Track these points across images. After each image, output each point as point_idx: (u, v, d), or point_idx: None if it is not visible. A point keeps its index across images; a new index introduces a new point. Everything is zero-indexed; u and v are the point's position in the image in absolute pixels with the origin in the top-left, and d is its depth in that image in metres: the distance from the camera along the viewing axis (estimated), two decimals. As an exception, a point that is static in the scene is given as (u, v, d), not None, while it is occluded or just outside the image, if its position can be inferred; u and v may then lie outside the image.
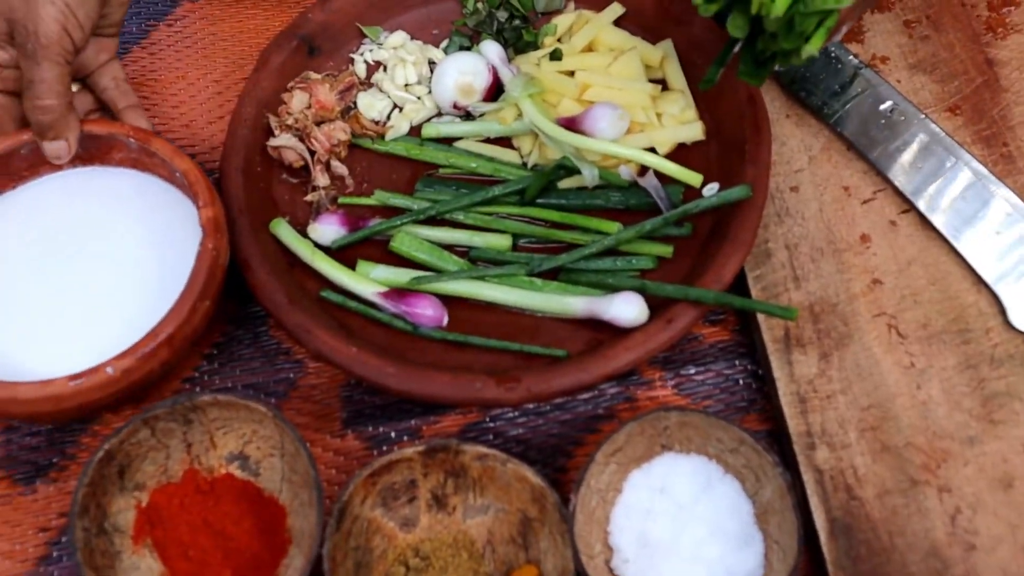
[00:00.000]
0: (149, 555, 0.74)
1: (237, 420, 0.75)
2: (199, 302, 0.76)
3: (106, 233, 0.81)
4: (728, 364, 0.82)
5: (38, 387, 0.71)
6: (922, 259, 0.82)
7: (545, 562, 0.73)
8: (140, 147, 0.82)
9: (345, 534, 0.72)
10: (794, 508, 0.70)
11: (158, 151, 0.81)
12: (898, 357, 0.78)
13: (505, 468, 0.74)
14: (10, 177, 0.83)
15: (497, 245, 0.84)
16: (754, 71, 0.73)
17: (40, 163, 0.83)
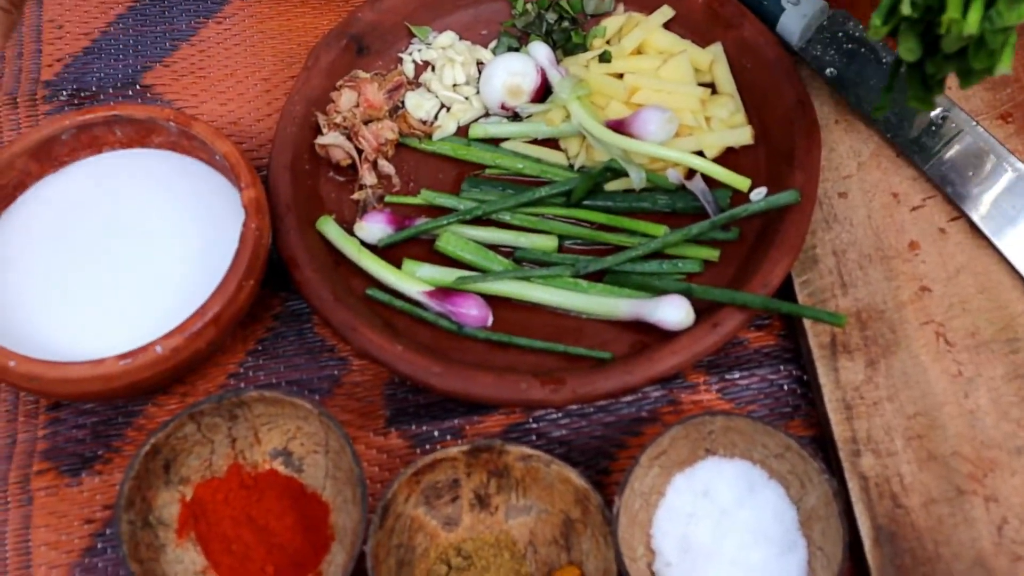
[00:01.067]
0: (193, 549, 0.74)
1: (282, 416, 0.76)
2: (244, 281, 0.76)
3: (149, 215, 0.82)
4: (773, 369, 0.82)
5: (88, 367, 0.73)
6: (971, 267, 0.82)
7: (587, 564, 0.73)
8: (180, 130, 0.83)
9: (388, 532, 0.73)
10: (839, 515, 0.69)
11: (198, 134, 0.82)
12: (946, 365, 0.78)
13: (549, 469, 0.74)
14: (51, 162, 0.84)
15: (543, 246, 0.85)
16: (923, 95, 0.72)
17: (80, 147, 0.85)
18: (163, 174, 0.84)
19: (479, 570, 0.74)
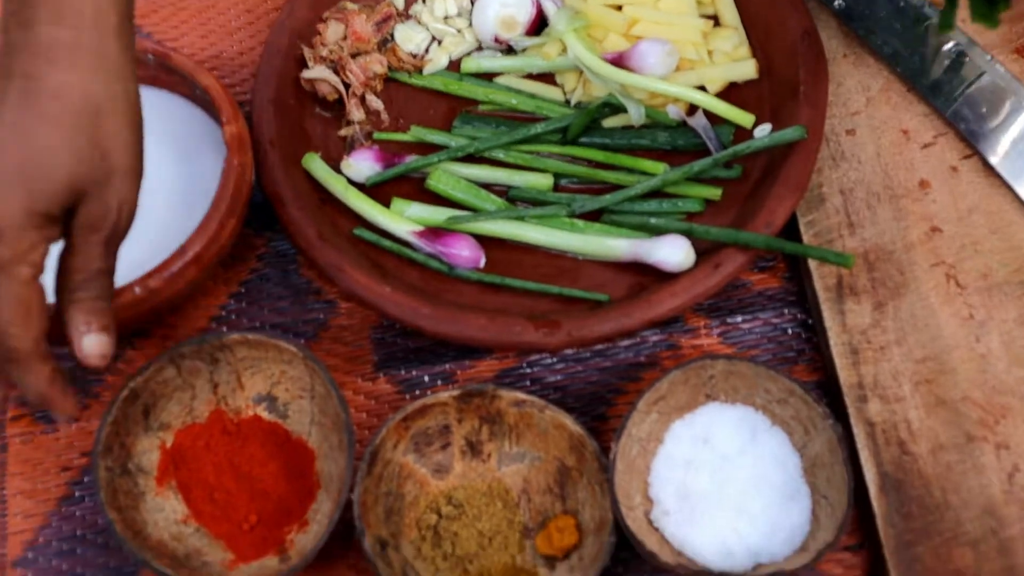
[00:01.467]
0: (173, 496, 0.74)
1: (265, 360, 0.75)
2: (226, 219, 0.75)
3: None
4: (776, 313, 0.81)
5: (64, 308, 0.71)
6: (984, 207, 0.80)
7: (582, 512, 0.73)
8: (159, 64, 0.81)
9: (376, 479, 0.72)
10: (844, 462, 0.69)
11: (178, 67, 0.80)
12: (956, 308, 0.77)
13: (543, 415, 0.73)
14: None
15: (538, 185, 0.83)
16: (987, 11, 0.70)
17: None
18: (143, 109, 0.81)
19: (470, 519, 0.74)
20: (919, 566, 0.70)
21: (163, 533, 0.72)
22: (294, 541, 0.72)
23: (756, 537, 0.70)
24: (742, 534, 0.70)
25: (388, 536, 0.72)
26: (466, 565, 0.73)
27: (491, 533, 0.73)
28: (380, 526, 0.72)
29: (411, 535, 0.73)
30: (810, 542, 0.70)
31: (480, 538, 0.73)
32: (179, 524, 0.73)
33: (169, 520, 0.73)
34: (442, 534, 0.73)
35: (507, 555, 0.73)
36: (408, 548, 0.73)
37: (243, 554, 0.72)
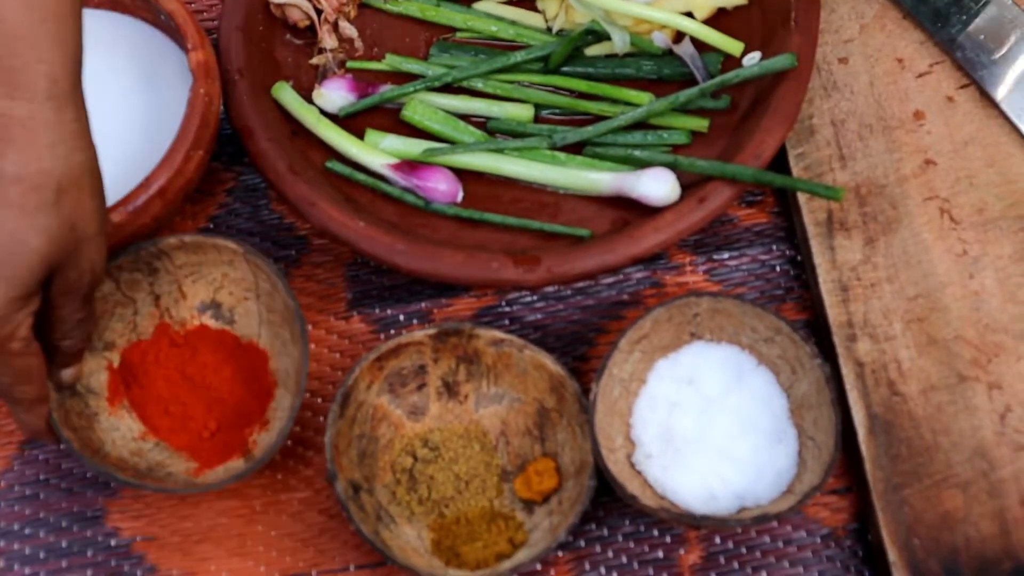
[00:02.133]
0: (128, 415, 0.73)
1: (206, 264, 0.74)
2: (192, 151, 0.74)
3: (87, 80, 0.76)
4: (765, 249, 0.80)
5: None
6: (980, 139, 0.79)
7: (562, 455, 0.72)
8: (120, -14, 0.80)
9: (349, 421, 0.71)
10: (832, 403, 0.68)
11: (141, -10, 0.79)
12: (950, 244, 0.76)
13: (522, 355, 0.72)
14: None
15: (517, 116, 0.82)
16: None
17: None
18: (102, 36, 0.80)
19: (447, 462, 0.73)
20: (907, 509, 0.70)
21: (121, 451, 0.71)
22: (257, 441, 0.72)
23: (741, 480, 0.70)
24: (726, 477, 0.70)
25: (361, 480, 0.71)
26: (442, 509, 0.72)
27: (468, 477, 0.73)
28: (353, 469, 0.71)
29: (385, 479, 0.73)
30: (796, 485, 0.69)
31: (457, 482, 0.73)
32: (137, 441, 0.72)
33: (126, 438, 0.72)
34: (417, 478, 0.73)
35: (484, 499, 0.72)
36: (382, 492, 0.72)
37: (207, 461, 0.72)
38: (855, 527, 0.72)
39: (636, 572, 0.72)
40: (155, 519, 0.74)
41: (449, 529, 0.72)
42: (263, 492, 0.74)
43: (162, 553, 0.73)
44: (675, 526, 0.73)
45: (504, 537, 0.71)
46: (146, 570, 0.73)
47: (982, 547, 0.69)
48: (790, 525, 0.72)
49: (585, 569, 0.72)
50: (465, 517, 0.72)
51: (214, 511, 0.74)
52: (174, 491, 0.70)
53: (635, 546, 0.73)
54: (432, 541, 0.71)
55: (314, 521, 0.74)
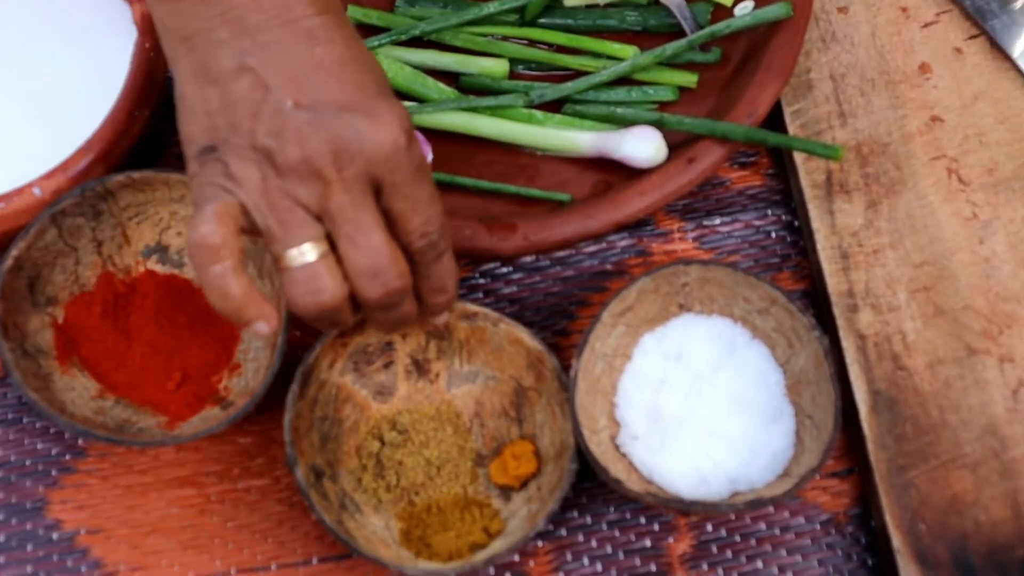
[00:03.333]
0: (80, 375, 0.73)
1: (152, 204, 0.74)
2: (137, 111, 0.73)
3: (22, 35, 0.78)
4: (759, 214, 0.79)
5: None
6: (991, 93, 0.79)
7: (541, 437, 0.71)
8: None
9: (310, 402, 0.70)
10: (831, 378, 0.67)
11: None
12: (958, 207, 0.76)
13: (497, 329, 0.71)
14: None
15: (491, 71, 0.81)
16: None
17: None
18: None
19: (417, 446, 0.72)
20: (913, 492, 0.69)
21: (84, 411, 0.70)
22: (229, 387, 0.72)
23: (733, 463, 0.69)
24: (717, 459, 0.69)
25: (324, 465, 0.70)
26: (412, 497, 0.71)
27: (440, 462, 0.72)
28: (315, 454, 0.69)
29: (350, 464, 0.71)
30: (793, 467, 0.68)
31: (427, 467, 0.72)
32: (96, 400, 0.72)
33: (84, 398, 0.71)
34: (385, 463, 0.72)
35: (457, 485, 0.71)
36: (347, 478, 0.71)
37: (176, 413, 0.72)
38: (857, 512, 0.72)
39: (622, 563, 0.71)
40: (100, 510, 0.72)
41: (419, 518, 0.70)
42: (218, 480, 0.73)
43: (108, 546, 0.72)
44: (663, 512, 0.72)
45: (479, 526, 0.70)
46: (91, 565, 0.71)
47: (993, 532, 0.68)
48: (787, 511, 0.71)
49: (567, 560, 0.71)
50: (437, 505, 0.71)
51: (164, 501, 0.72)
52: (149, 444, 0.69)
53: (621, 535, 0.71)
54: (401, 531, 0.70)
55: (273, 511, 0.72)
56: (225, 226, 0.57)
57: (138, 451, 0.73)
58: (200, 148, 0.59)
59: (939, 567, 0.67)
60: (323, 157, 0.57)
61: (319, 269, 0.58)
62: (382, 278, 0.59)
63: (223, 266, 0.57)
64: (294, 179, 0.57)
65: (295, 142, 0.57)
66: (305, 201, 0.58)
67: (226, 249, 0.57)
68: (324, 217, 0.58)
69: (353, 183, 0.58)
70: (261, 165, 0.58)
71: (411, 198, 0.59)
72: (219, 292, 0.58)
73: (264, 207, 0.58)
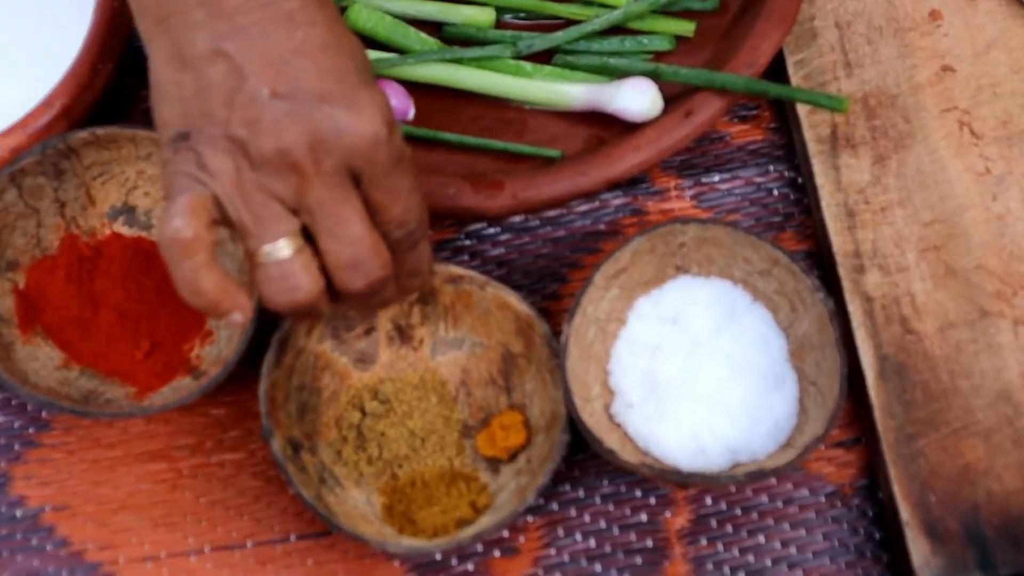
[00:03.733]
0: (44, 343, 0.72)
1: (118, 162, 0.73)
2: (101, 64, 0.73)
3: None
4: (760, 170, 0.78)
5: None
6: (1004, 41, 0.78)
7: (531, 407, 0.71)
8: None
9: (287, 371, 0.69)
10: (836, 343, 0.66)
11: None
12: (971, 161, 0.75)
13: (484, 293, 0.71)
14: None
15: (477, 20, 0.80)
16: None
17: None
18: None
19: (400, 416, 0.71)
20: (922, 461, 0.69)
21: (48, 381, 0.70)
22: (201, 356, 0.72)
23: (733, 432, 0.68)
24: (717, 429, 0.68)
25: (302, 437, 0.69)
26: (395, 470, 0.70)
27: (424, 433, 0.71)
28: (292, 426, 0.69)
29: (330, 436, 0.71)
30: (796, 437, 0.68)
31: (411, 439, 0.71)
32: (60, 370, 0.71)
33: (48, 368, 0.71)
34: (366, 435, 0.71)
35: (443, 458, 0.71)
36: (326, 451, 0.70)
37: (145, 384, 0.71)
38: (864, 483, 0.71)
39: (617, 538, 0.70)
40: (66, 486, 0.71)
41: (403, 492, 0.70)
42: (190, 454, 0.72)
43: (75, 524, 0.71)
44: (660, 485, 0.71)
45: (465, 501, 0.69)
46: (57, 543, 0.70)
47: (1006, 502, 0.68)
48: (790, 483, 0.71)
49: (559, 536, 0.70)
50: (421, 479, 0.70)
51: (134, 476, 0.72)
52: (116, 415, 0.68)
53: (615, 509, 0.71)
54: (383, 506, 0.69)
55: (248, 486, 0.72)
56: (197, 219, 0.56)
57: (106, 424, 0.73)
58: (174, 134, 0.58)
59: (949, 539, 0.67)
60: (300, 150, 0.56)
61: (294, 266, 0.57)
62: (364, 269, 0.58)
63: (195, 261, 0.56)
64: (269, 172, 0.56)
65: (271, 134, 0.55)
66: (281, 194, 0.57)
67: (198, 244, 0.56)
68: (301, 210, 0.57)
69: (332, 176, 0.57)
70: (235, 156, 0.56)
71: (391, 189, 0.58)
72: (191, 288, 0.57)
73: (237, 200, 0.57)
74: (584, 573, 0.69)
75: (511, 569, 0.69)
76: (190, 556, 0.70)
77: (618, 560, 0.69)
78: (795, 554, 0.69)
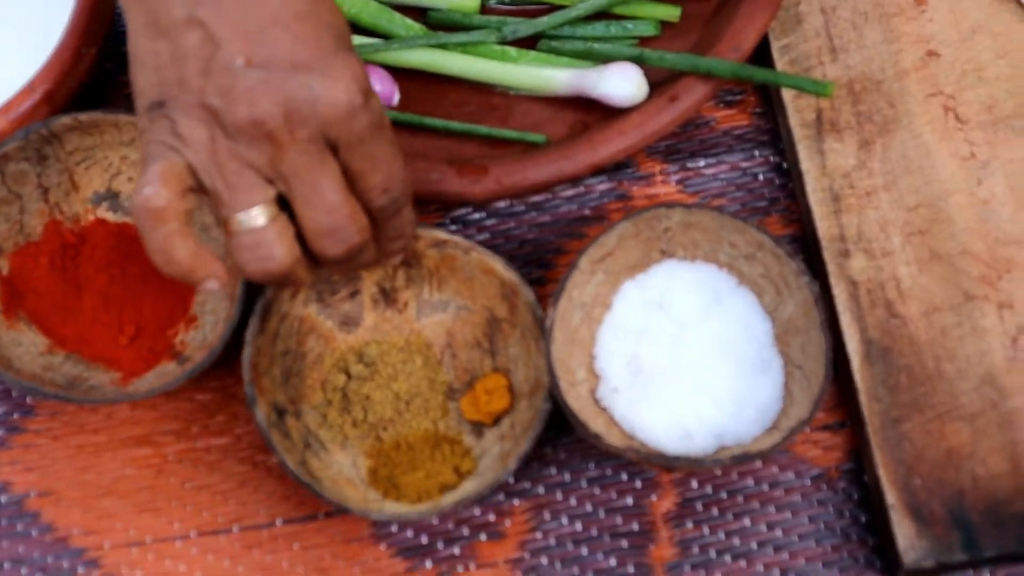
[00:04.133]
0: (28, 329, 0.72)
1: (101, 147, 0.73)
2: (84, 48, 0.72)
3: None
4: (746, 155, 0.78)
5: None
6: (990, 26, 0.78)
7: (515, 372, 0.71)
8: None
9: (271, 337, 0.69)
10: (822, 326, 0.66)
11: None
12: (955, 146, 0.75)
13: (468, 257, 0.71)
14: None
15: (462, 6, 0.80)
16: None
17: None
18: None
19: (385, 379, 0.72)
20: (907, 445, 0.69)
21: (32, 367, 0.70)
22: (186, 341, 0.72)
23: (719, 416, 0.68)
24: (702, 413, 0.68)
25: (286, 402, 0.69)
26: (379, 432, 0.70)
27: (409, 396, 0.71)
28: (276, 391, 0.69)
29: (314, 399, 0.71)
30: (782, 421, 0.67)
31: (396, 401, 0.71)
32: (45, 355, 0.71)
33: (32, 353, 0.71)
34: (351, 397, 0.71)
35: (428, 420, 0.71)
36: (311, 415, 0.70)
37: (130, 369, 0.71)
38: (849, 467, 0.71)
39: (602, 522, 0.70)
40: (51, 471, 0.71)
41: (388, 456, 0.70)
42: (176, 439, 0.72)
43: (60, 510, 0.71)
44: (646, 468, 0.71)
45: (449, 465, 0.69)
46: (42, 529, 0.70)
47: (991, 486, 0.68)
48: (776, 466, 0.71)
49: (545, 519, 0.70)
50: (406, 442, 0.70)
51: (119, 461, 0.72)
52: (101, 401, 0.68)
53: (601, 492, 0.71)
54: (369, 470, 0.70)
55: (235, 471, 0.71)
56: (169, 188, 0.56)
57: (90, 409, 0.72)
58: (149, 103, 0.58)
59: (935, 523, 0.67)
60: (274, 119, 0.56)
61: (268, 235, 0.57)
62: (342, 235, 0.58)
63: (167, 229, 0.56)
64: (244, 141, 0.56)
65: (245, 103, 0.55)
66: (256, 163, 0.57)
67: (170, 211, 0.56)
68: (276, 179, 0.57)
69: (307, 144, 0.57)
70: (209, 125, 0.56)
71: (369, 156, 0.58)
72: (164, 257, 0.57)
73: (212, 169, 0.57)
74: (570, 556, 0.69)
75: (497, 552, 0.69)
76: (176, 541, 0.70)
77: (604, 543, 0.69)
78: (781, 537, 0.69)
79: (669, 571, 0.69)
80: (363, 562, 0.69)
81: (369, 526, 0.70)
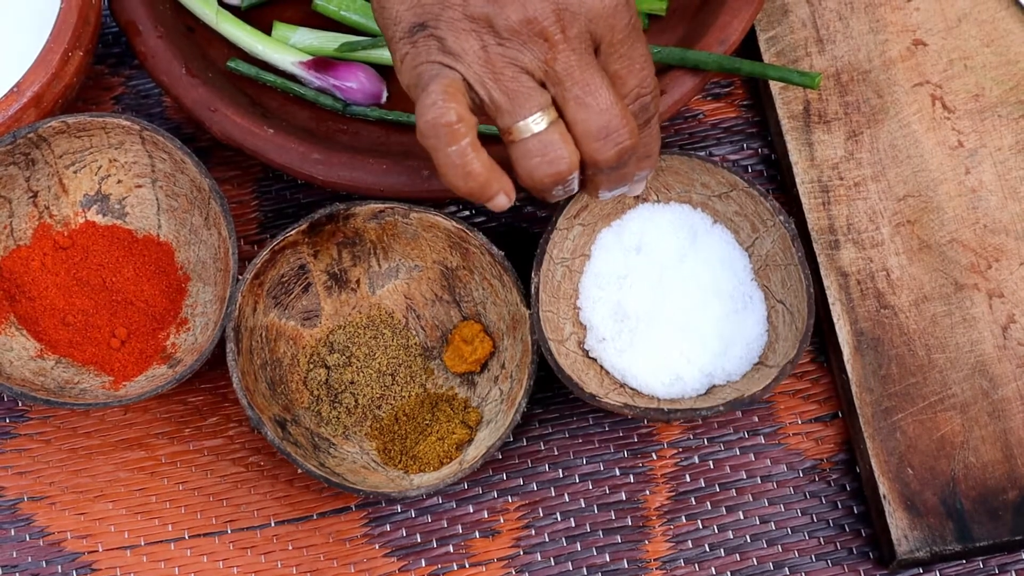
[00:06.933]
0: (19, 333, 0.72)
1: (90, 151, 0.73)
2: (71, 51, 0.72)
3: None
4: (735, 147, 0.79)
5: None
6: (975, 15, 0.78)
7: (485, 314, 0.71)
8: None
9: (248, 355, 0.70)
10: (801, 262, 0.68)
11: None
12: (943, 135, 0.75)
13: (408, 220, 0.71)
14: None
15: None
16: None
17: None
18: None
19: (362, 360, 0.72)
20: (900, 435, 0.69)
21: (23, 372, 0.70)
22: (177, 344, 0.72)
23: (707, 355, 0.69)
24: (690, 354, 0.69)
25: (282, 412, 0.70)
26: (375, 412, 0.71)
27: (391, 368, 0.72)
28: (270, 404, 0.69)
29: (304, 400, 0.71)
30: (768, 355, 0.68)
31: (380, 377, 0.72)
32: (36, 360, 0.71)
33: (23, 358, 0.71)
34: (336, 387, 0.71)
35: (416, 386, 0.72)
36: (307, 416, 0.71)
37: (121, 373, 0.72)
38: (842, 458, 0.71)
39: (596, 517, 0.71)
40: (43, 475, 0.72)
41: (392, 432, 0.70)
42: (169, 442, 0.73)
43: (53, 514, 0.71)
44: (644, 423, 0.72)
45: (455, 421, 0.70)
46: (35, 534, 0.71)
47: (983, 475, 0.68)
48: (768, 459, 0.71)
49: (539, 516, 0.71)
50: (403, 413, 0.71)
51: (112, 464, 0.72)
52: (91, 406, 0.68)
53: (594, 488, 0.71)
54: (379, 450, 0.70)
55: (227, 473, 0.72)
56: (455, 101, 0.56)
57: (83, 413, 0.73)
58: (409, 26, 0.58)
59: (928, 513, 0.67)
60: (547, 17, 0.56)
61: (552, 137, 0.58)
62: (615, 138, 0.58)
63: (463, 144, 0.57)
64: (516, 44, 0.57)
65: (515, 3, 0.56)
66: (529, 67, 0.57)
67: (462, 125, 0.56)
68: (549, 81, 0.57)
69: (577, 42, 0.57)
70: (479, 34, 0.57)
71: (627, 56, 0.59)
72: (461, 171, 0.57)
73: (488, 78, 0.57)
74: (564, 553, 0.69)
75: (492, 550, 0.70)
76: (169, 544, 0.70)
77: (598, 539, 0.70)
78: (774, 530, 0.69)
79: (663, 566, 0.69)
80: (357, 562, 0.70)
81: (363, 526, 0.70)
